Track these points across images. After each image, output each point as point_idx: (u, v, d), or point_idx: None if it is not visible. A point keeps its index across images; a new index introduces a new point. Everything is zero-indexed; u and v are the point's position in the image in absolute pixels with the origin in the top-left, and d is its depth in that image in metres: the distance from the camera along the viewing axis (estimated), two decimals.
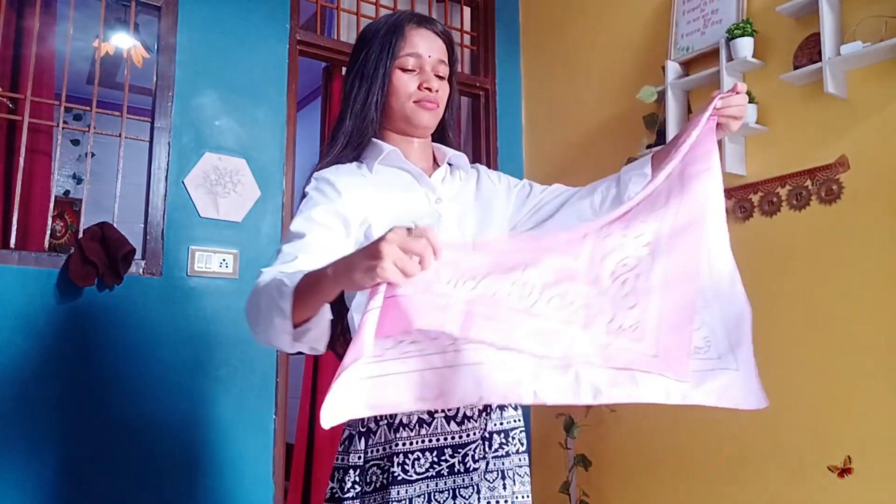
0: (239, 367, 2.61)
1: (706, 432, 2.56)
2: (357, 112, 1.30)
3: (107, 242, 2.34)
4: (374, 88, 1.28)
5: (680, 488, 2.62)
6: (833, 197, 2.28)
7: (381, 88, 1.28)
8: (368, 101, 1.28)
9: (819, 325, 2.28)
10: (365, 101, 1.28)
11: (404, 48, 1.27)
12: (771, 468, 2.35)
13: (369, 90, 1.28)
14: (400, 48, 1.27)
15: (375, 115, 1.29)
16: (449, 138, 1.43)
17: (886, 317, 2.11)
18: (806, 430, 2.27)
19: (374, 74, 1.28)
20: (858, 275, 2.19)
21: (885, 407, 2.09)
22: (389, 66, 1.27)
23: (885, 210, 2.15)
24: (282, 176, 2.80)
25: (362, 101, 1.29)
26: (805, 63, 2.34)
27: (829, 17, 2.26)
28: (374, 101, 1.28)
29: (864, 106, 2.23)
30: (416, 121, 1.29)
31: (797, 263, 2.36)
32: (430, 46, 1.29)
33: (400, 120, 1.31)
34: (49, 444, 2.25)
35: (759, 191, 2.51)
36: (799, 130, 2.41)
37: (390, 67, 1.27)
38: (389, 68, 1.27)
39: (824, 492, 2.19)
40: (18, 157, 2.41)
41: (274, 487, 2.62)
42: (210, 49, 2.72)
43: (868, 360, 2.14)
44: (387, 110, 1.30)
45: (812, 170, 2.35)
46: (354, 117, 1.30)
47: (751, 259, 2.52)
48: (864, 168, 2.22)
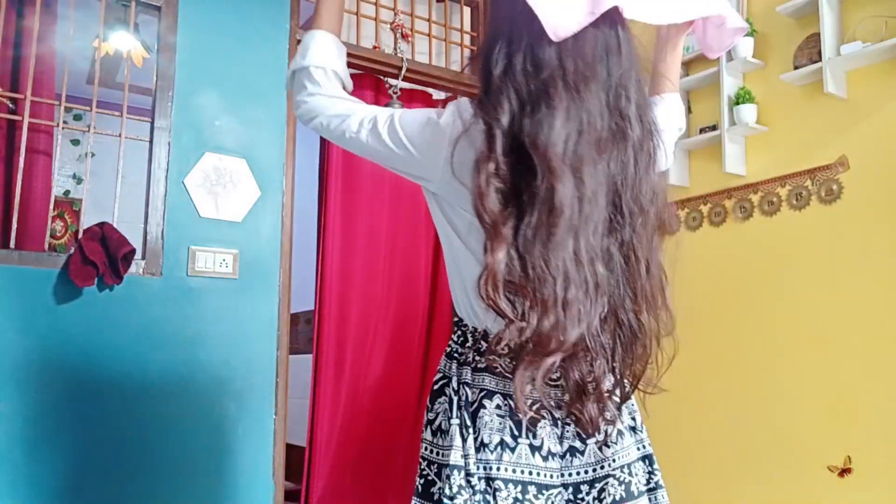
0: (239, 367, 2.61)
1: (706, 432, 2.56)
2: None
3: (107, 242, 2.34)
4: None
5: (680, 488, 2.61)
6: (833, 197, 2.28)
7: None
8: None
9: (819, 324, 2.28)
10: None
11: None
12: (771, 468, 2.35)
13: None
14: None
15: None
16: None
17: (886, 316, 2.11)
18: (806, 430, 2.27)
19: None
20: (858, 274, 2.19)
21: (885, 407, 2.09)
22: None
23: (885, 210, 2.15)
24: (282, 176, 2.80)
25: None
26: (805, 63, 2.34)
27: (829, 17, 2.26)
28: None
29: (864, 106, 2.23)
30: None
31: (797, 263, 2.36)
32: None
33: None
34: (49, 443, 2.25)
35: (759, 191, 2.51)
36: (799, 130, 2.41)
37: None
38: None
39: (824, 492, 2.19)
40: (18, 157, 2.41)
41: (274, 487, 2.62)
42: (210, 49, 2.72)
43: (868, 360, 2.14)
44: None
45: (812, 170, 2.35)
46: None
47: (751, 259, 2.53)
48: (864, 168, 2.22)
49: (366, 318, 3.25)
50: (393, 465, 3.19)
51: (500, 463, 1.01)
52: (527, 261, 0.92)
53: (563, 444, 1.05)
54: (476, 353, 1.06)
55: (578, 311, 0.93)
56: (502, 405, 1.04)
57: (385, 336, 3.31)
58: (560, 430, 1.05)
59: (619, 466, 1.07)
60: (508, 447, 1.02)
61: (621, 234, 0.99)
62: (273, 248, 2.75)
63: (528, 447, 1.03)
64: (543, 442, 1.04)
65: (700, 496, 2.56)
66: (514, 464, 1.02)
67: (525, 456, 1.02)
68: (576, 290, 0.92)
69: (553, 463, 1.04)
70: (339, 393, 3.15)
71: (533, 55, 0.96)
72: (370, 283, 3.26)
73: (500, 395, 1.04)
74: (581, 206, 0.93)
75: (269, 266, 2.73)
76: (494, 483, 1.00)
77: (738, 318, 2.51)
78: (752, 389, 2.44)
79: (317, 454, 3.07)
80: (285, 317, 2.76)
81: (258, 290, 2.69)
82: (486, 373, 1.05)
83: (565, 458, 1.05)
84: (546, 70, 0.95)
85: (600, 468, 1.06)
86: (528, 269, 0.92)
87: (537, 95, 0.94)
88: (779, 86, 2.45)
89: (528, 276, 0.92)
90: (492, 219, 0.93)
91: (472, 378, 1.06)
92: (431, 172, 1.04)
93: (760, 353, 2.43)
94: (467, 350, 1.08)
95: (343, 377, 3.17)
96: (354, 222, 3.24)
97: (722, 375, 2.52)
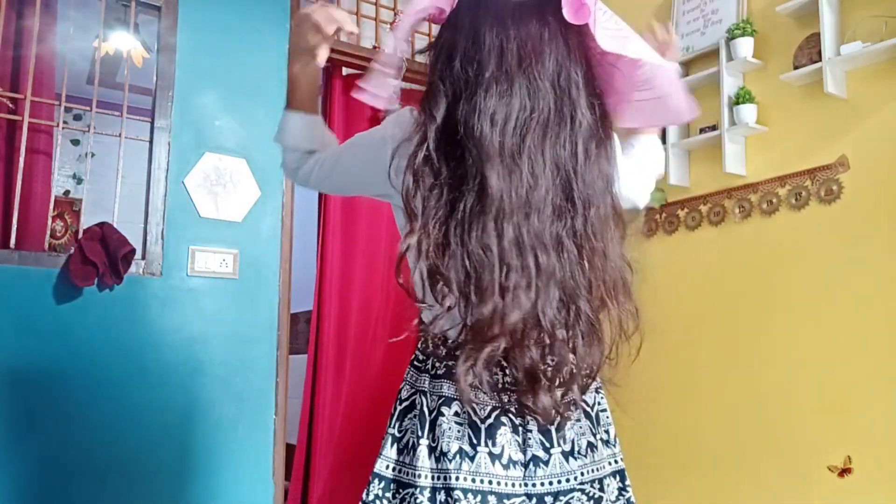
0: (239, 367, 2.61)
1: (706, 432, 2.56)
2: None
3: (107, 242, 2.34)
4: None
5: (679, 488, 2.62)
6: (833, 197, 2.28)
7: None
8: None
9: (819, 324, 2.28)
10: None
11: None
12: (771, 468, 2.35)
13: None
14: None
15: None
16: None
17: (886, 316, 2.11)
18: (806, 430, 2.27)
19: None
20: (858, 274, 2.19)
21: (885, 407, 2.09)
22: None
23: (885, 210, 2.15)
24: (282, 176, 2.80)
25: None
26: (805, 63, 2.34)
27: (829, 17, 2.26)
28: None
29: (864, 106, 2.23)
30: None
31: (796, 263, 2.36)
32: None
33: None
34: (49, 443, 2.25)
35: (758, 191, 2.51)
36: (799, 130, 2.41)
37: None
38: None
39: (824, 492, 2.19)
40: (18, 157, 2.41)
41: (274, 487, 2.62)
42: (210, 49, 2.72)
43: (868, 360, 2.14)
44: None
45: (812, 170, 2.35)
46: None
47: (750, 259, 2.53)
48: (864, 168, 2.22)
49: (366, 317, 3.25)
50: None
51: (460, 472, 0.97)
52: (462, 250, 0.89)
53: (525, 452, 1.01)
54: (436, 358, 1.04)
55: (519, 298, 0.89)
56: (460, 412, 1.00)
57: (384, 336, 3.31)
58: (521, 437, 1.01)
59: (588, 481, 1.04)
60: (468, 456, 0.98)
61: (573, 222, 0.94)
62: (273, 248, 2.75)
63: (487, 455, 0.99)
64: (504, 449, 1.00)
65: (700, 496, 2.56)
66: (474, 473, 0.98)
67: (485, 465, 0.98)
68: (517, 277, 0.89)
69: (514, 471, 1.00)
70: (340, 393, 3.15)
71: (474, 37, 0.94)
72: (370, 284, 3.26)
73: (457, 402, 1.00)
74: (519, 191, 0.90)
75: (269, 266, 2.73)
76: (454, 493, 0.97)
77: (737, 318, 2.51)
78: (751, 389, 2.44)
79: (316, 454, 3.07)
80: (285, 317, 2.76)
81: (258, 290, 2.69)
82: (444, 379, 1.02)
83: (528, 468, 1.00)
84: (484, 51, 0.92)
85: (566, 481, 1.02)
86: (462, 258, 0.90)
87: (474, 79, 0.92)
88: (779, 86, 2.45)
89: (462, 265, 0.90)
90: (415, 211, 0.92)
91: (430, 386, 1.03)
92: (383, 187, 1.05)
93: (760, 353, 2.43)
94: (427, 356, 1.06)
95: (343, 377, 3.17)
96: (354, 222, 3.24)
97: (721, 375, 2.52)
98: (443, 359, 1.03)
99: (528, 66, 0.92)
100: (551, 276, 0.92)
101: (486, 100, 0.90)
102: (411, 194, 0.92)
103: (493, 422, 1.00)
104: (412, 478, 1.00)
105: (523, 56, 0.92)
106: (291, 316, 2.93)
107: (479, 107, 0.90)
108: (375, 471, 1.03)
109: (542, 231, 0.91)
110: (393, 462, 1.03)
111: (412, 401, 1.05)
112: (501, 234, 0.89)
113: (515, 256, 0.90)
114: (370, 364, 3.26)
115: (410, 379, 1.07)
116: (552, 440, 1.02)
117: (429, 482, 0.99)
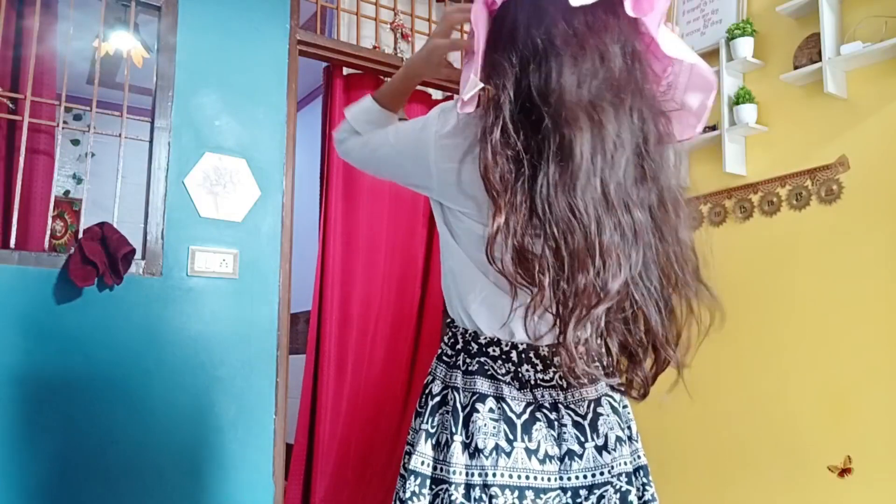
0: (239, 367, 2.61)
1: (706, 432, 2.56)
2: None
3: (107, 242, 2.34)
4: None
5: (680, 488, 2.62)
6: (833, 197, 2.28)
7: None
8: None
9: (819, 324, 2.28)
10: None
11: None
12: (771, 468, 2.35)
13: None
14: None
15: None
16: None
17: (886, 316, 2.11)
18: (806, 430, 2.27)
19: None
20: (858, 274, 2.19)
21: (885, 407, 2.09)
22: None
23: (885, 210, 2.15)
24: (282, 176, 2.80)
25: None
26: (805, 63, 2.34)
27: (829, 17, 2.26)
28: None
29: (864, 106, 2.23)
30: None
31: (797, 263, 2.36)
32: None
33: None
34: (49, 443, 2.25)
35: (759, 191, 2.51)
36: (799, 130, 2.41)
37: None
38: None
39: (824, 492, 2.19)
40: (18, 157, 2.41)
41: (274, 487, 2.62)
42: (210, 49, 2.72)
43: (868, 360, 2.14)
44: None
45: (812, 170, 2.35)
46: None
47: (751, 259, 2.53)
48: (864, 168, 2.22)
49: (366, 317, 3.25)
50: (394, 464, 3.19)
51: (496, 469, 0.97)
52: (550, 218, 0.85)
53: (560, 446, 1.02)
54: (467, 355, 1.04)
55: (618, 258, 0.86)
56: (495, 408, 1.01)
57: (385, 336, 3.31)
58: (557, 432, 1.02)
59: (616, 474, 1.05)
60: (504, 452, 0.98)
61: (649, 196, 0.92)
62: (273, 248, 2.75)
63: (524, 450, 0.99)
64: (539, 444, 1.01)
65: (700, 496, 2.56)
66: (511, 469, 0.98)
67: (522, 460, 0.99)
68: (610, 234, 0.86)
69: (550, 466, 1.01)
70: (341, 392, 3.15)
71: (539, 11, 0.91)
72: (370, 283, 3.26)
73: (492, 399, 1.01)
74: (604, 149, 0.87)
75: (269, 266, 2.73)
76: (490, 490, 0.97)
77: (738, 318, 2.51)
78: (751, 389, 2.44)
79: (319, 454, 3.07)
80: (285, 317, 2.76)
81: (258, 290, 2.69)
82: (478, 375, 1.02)
83: (564, 462, 1.01)
84: (549, 20, 0.90)
85: (599, 474, 1.03)
86: (551, 226, 0.86)
87: (543, 47, 0.89)
88: (779, 86, 2.45)
89: (551, 235, 0.86)
90: (498, 189, 0.88)
91: (462, 382, 1.03)
92: (426, 180, 1.04)
93: (760, 352, 2.43)
94: (457, 352, 1.06)
95: (344, 377, 3.17)
96: (354, 222, 3.24)
97: (722, 375, 2.52)
98: (474, 355, 1.03)
99: (597, 30, 0.90)
100: (642, 235, 0.89)
101: (561, 64, 0.88)
102: (492, 170, 0.88)
103: (528, 417, 1.01)
104: (446, 474, 1.00)
105: (590, 22, 0.90)
106: (291, 316, 2.93)
107: (552, 70, 0.88)
108: (411, 468, 1.02)
109: (630, 189, 0.89)
110: (430, 458, 1.03)
111: (443, 396, 1.05)
112: (594, 189, 0.86)
113: (607, 213, 0.86)
114: (371, 363, 3.25)
115: (441, 374, 1.07)
116: (586, 434, 1.04)
117: (463, 478, 0.98)
